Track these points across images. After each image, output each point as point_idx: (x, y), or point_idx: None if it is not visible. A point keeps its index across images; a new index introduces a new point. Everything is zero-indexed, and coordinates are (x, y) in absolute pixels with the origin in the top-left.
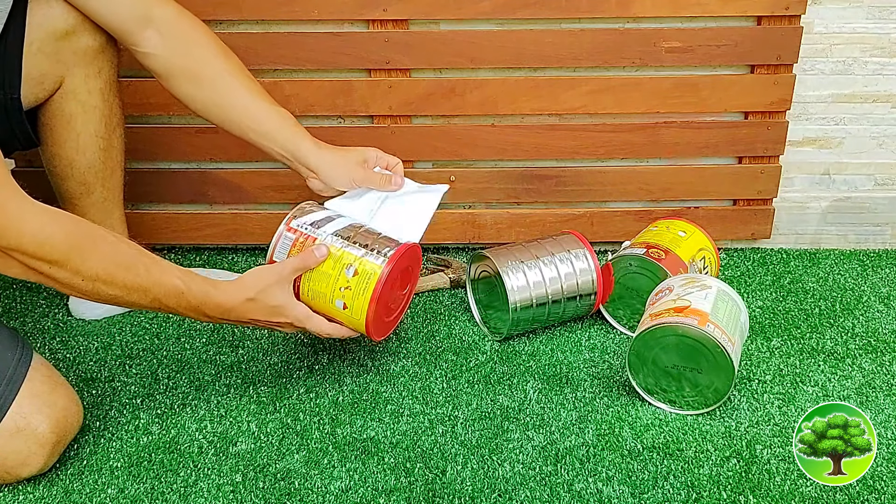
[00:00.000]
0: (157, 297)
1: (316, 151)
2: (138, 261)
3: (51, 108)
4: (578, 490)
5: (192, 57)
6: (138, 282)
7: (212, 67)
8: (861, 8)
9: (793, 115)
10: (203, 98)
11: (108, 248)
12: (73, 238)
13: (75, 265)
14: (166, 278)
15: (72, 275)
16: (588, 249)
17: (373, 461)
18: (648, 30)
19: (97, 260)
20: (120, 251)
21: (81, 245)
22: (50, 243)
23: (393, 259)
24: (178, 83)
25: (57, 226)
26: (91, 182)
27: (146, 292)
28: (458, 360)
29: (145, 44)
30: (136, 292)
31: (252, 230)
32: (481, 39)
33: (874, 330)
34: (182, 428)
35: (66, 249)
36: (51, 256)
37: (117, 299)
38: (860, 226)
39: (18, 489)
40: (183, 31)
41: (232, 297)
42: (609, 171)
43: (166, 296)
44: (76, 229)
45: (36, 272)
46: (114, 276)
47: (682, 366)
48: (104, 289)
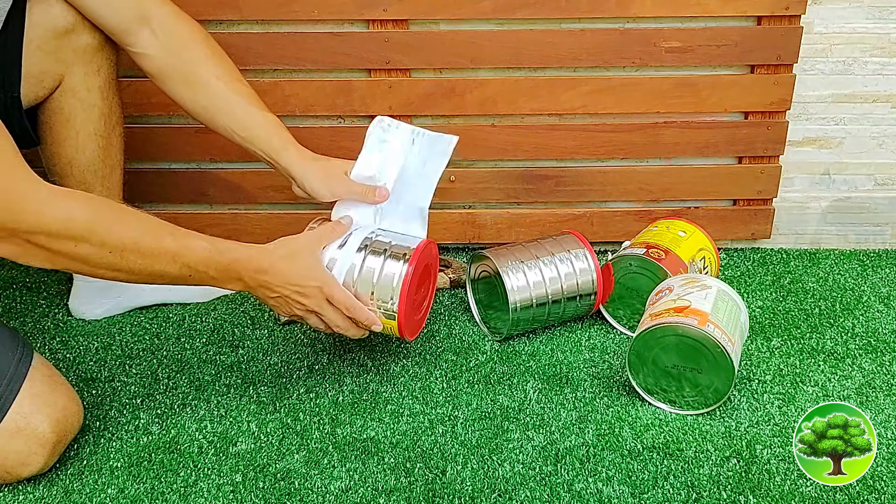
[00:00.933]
0: (186, 262)
1: (299, 161)
2: (162, 228)
3: (50, 106)
4: (578, 490)
5: (184, 59)
6: (164, 246)
7: (203, 70)
8: (861, 8)
9: (793, 115)
10: (193, 100)
11: (131, 217)
12: (93, 211)
13: (100, 237)
14: (193, 241)
15: (98, 248)
16: (588, 249)
17: (373, 461)
18: (648, 30)
19: (122, 229)
20: (143, 219)
21: (104, 216)
22: (72, 219)
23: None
24: (169, 84)
25: (75, 202)
26: (90, 181)
27: (175, 258)
28: (458, 360)
29: (140, 44)
30: (165, 259)
31: (252, 230)
32: (481, 39)
33: (874, 330)
34: (182, 428)
35: (89, 223)
36: (75, 232)
37: (148, 270)
38: (860, 226)
39: (18, 489)
40: (177, 31)
41: (266, 254)
42: (609, 171)
43: (196, 261)
44: (95, 203)
45: (61, 255)
46: (139, 243)
47: (682, 366)
48: (133, 259)
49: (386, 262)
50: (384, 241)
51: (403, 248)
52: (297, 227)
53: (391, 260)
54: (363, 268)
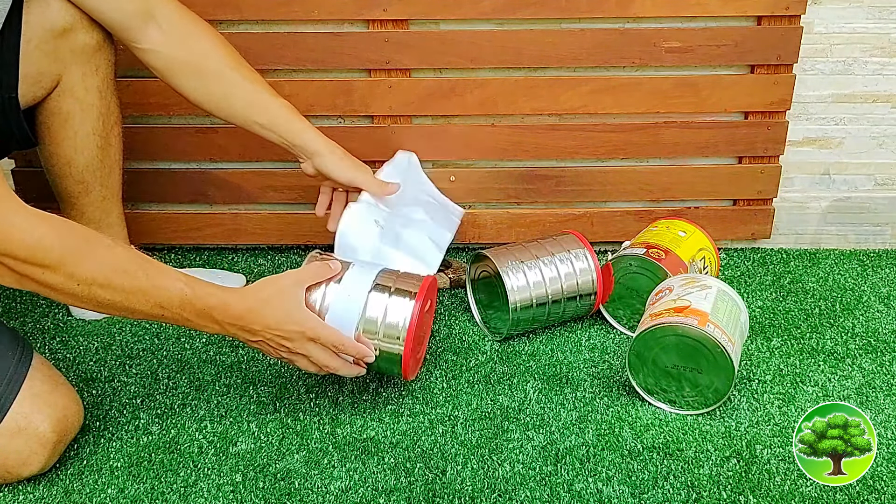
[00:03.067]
0: (159, 301)
1: (322, 141)
2: (137, 265)
3: (48, 106)
4: (578, 490)
5: (194, 51)
6: (137, 285)
7: (214, 61)
8: (861, 8)
9: (793, 115)
10: (206, 91)
11: (104, 251)
12: (66, 241)
13: (69, 269)
14: (169, 282)
15: (66, 279)
16: (588, 249)
17: (373, 461)
18: (648, 30)
19: (93, 263)
20: (117, 254)
21: (76, 248)
22: (41, 247)
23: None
24: (180, 78)
25: (48, 229)
26: (89, 181)
27: (147, 296)
28: (458, 360)
29: (146, 40)
30: (136, 296)
31: (252, 230)
32: (481, 39)
33: (874, 330)
34: (182, 428)
35: (59, 253)
36: (43, 261)
37: (117, 305)
38: (860, 226)
39: (18, 489)
40: (183, 25)
41: (243, 299)
42: (609, 171)
43: (169, 300)
44: (69, 233)
45: (29, 279)
46: (111, 279)
47: (682, 366)
48: (101, 293)
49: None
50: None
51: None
52: (298, 227)
53: (396, 297)
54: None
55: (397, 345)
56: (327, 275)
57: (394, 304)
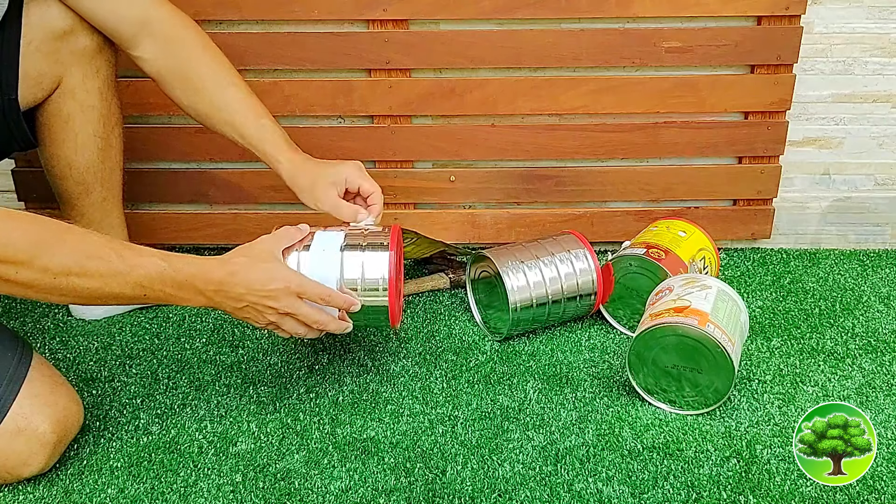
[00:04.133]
0: (138, 281)
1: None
2: (110, 248)
3: (49, 108)
4: (578, 490)
5: (183, 63)
6: (113, 267)
7: (199, 74)
8: (861, 8)
9: (793, 115)
10: (191, 102)
11: (75, 239)
12: (33, 234)
13: (42, 263)
14: (144, 259)
15: (41, 274)
16: (588, 249)
17: (373, 461)
18: (648, 30)
19: (65, 253)
20: (89, 241)
21: (44, 240)
22: (9, 243)
23: (392, 245)
24: (168, 87)
25: (14, 224)
26: (90, 182)
27: (125, 277)
28: (458, 360)
29: (140, 48)
30: (114, 279)
31: (252, 230)
32: (481, 39)
33: (874, 330)
34: (182, 428)
35: (29, 247)
36: (14, 258)
37: (98, 293)
38: (860, 226)
39: (18, 489)
40: (176, 35)
41: (222, 264)
42: (609, 171)
43: (149, 277)
44: (36, 226)
45: (3, 280)
46: (85, 266)
47: (682, 366)
48: (79, 282)
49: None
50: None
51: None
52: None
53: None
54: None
55: (381, 296)
56: (298, 236)
57: (369, 257)
